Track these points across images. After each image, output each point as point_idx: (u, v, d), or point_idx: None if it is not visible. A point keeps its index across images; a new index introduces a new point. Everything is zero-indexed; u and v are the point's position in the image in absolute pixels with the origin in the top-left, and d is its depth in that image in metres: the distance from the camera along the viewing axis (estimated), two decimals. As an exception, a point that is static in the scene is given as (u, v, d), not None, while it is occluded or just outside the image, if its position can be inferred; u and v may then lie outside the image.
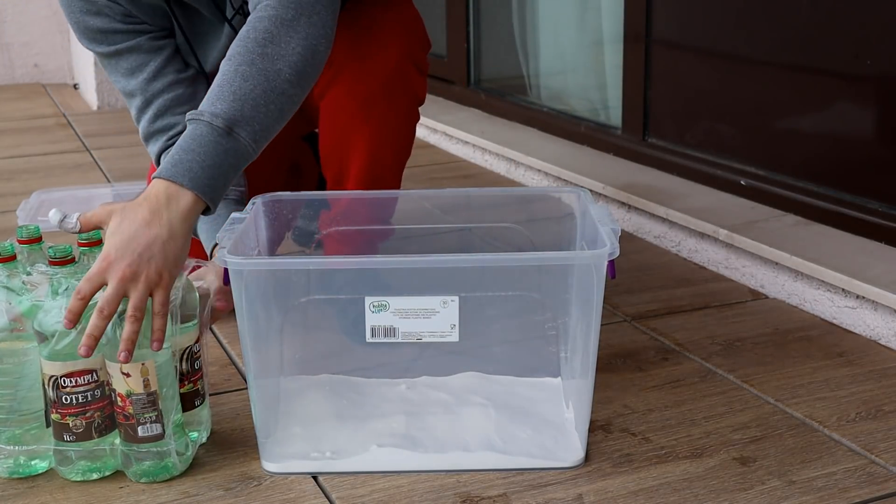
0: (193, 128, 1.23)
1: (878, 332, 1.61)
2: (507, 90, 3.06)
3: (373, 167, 1.61)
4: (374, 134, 1.58)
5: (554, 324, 1.35)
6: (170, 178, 1.19)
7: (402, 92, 1.58)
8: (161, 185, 1.19)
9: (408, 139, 1.66)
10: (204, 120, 1.23)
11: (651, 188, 2.19)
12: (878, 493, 1.18)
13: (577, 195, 1.43)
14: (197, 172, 1.20)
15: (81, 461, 1.22)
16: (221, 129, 1.22)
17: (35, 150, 3.13)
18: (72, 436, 1.20)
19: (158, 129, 1.54)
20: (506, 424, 1.31)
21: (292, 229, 1.61)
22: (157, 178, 1.20)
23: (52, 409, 1.21)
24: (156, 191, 1.19)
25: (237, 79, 1.25)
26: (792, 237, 1.84)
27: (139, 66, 1.52)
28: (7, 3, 4.35)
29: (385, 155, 1.61)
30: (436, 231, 1.55)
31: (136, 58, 1.51)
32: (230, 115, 1.23)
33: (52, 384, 1.19)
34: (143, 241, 1.15)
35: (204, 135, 1.22)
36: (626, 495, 1.18)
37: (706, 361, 1.55)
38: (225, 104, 1.23)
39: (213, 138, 1.22)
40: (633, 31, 2.36)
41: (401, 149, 1.65)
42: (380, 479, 1.23)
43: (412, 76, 1.59)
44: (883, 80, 1.78)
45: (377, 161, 1.61)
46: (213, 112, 1.22)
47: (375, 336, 1.23)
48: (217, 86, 1.25)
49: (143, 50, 1.51)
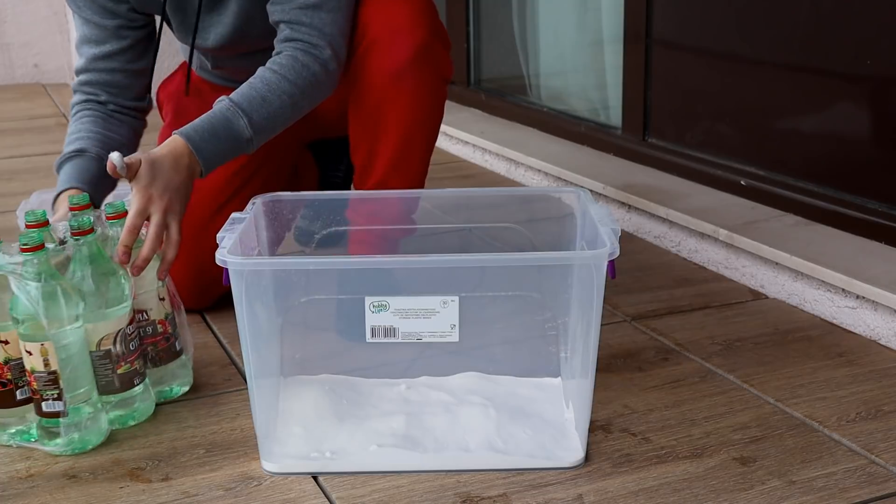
0: (234, 119, 1.47)
1: (878, 332, 1.61)
2: (507, 90, 3.06)
3: (404, 147, 1.61)
4: (405, 111, 1.59)
5: (554, 324, 1.36)
6: (195, 149, 1.43)
7: (431, 69, 1.59)
8: (185, 149, 1.43)
9: (437, 117, 1.67)
10: (243, 122, 1.47)
11: (651, 188, 2.19)
12: (878, 493, 1.18)
13: (577, 195, 1.43)
14: (212, 158, 1.46)
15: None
16: (248, 138, 1.49)
17: (35, 150, 3.13)
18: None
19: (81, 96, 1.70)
20: (506, 424, 1.31)
21: (292, 229, 1.61)
22: (185, 140, 1.43)
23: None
24: (180, 150, 1.43)
25: (275, 104, 1.50)
26: (792, 237, 1.84)
27: (99, 41, 1.66)
28: (7, 3, 4.35)
29: (416, 135, 1.62)
30: (436, 231, 1.55)
31: (99, 34, 1.66)
32: (259, 129, 1.49)
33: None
34: (174, 184, 1.40)
35: (235, 132, 1.47)
36: (626, 495, 1.18)
37: (706, 361, 1.55)
38: (262, 119, 1.49)
39: (238, 141, 1.48)
40: (633, 31, 2.36)
41: (430, 129, 1.66)
42: (380, 479, 1.23)
43: (440, 52, 1.61)
44: (883, 80, 1.78)
45: (408, 140, 1.61)
46: (252, 120, 1.48)
47: (375, 336, 1.23)
48: (262, 97, 1.49)
49: (108, 32, 1.66)
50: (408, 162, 1.61)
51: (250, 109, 1.47)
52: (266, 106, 1.49)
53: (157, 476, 1.25)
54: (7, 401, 1.32)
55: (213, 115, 1.47)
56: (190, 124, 1.45)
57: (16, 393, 1.31)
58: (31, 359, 1.27)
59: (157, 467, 1.26)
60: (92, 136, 1.63)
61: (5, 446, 1.32)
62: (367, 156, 1.63)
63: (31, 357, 1.27)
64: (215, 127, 1.45)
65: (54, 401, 1.28)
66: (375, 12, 1.58)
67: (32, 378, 1.28)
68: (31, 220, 1.31)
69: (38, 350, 1.26)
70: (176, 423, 1.37)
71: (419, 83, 1.58)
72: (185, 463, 1.27)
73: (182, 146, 1.43)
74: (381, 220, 1.56)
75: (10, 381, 1.31)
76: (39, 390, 1.28)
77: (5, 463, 1.29)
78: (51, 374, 1.27)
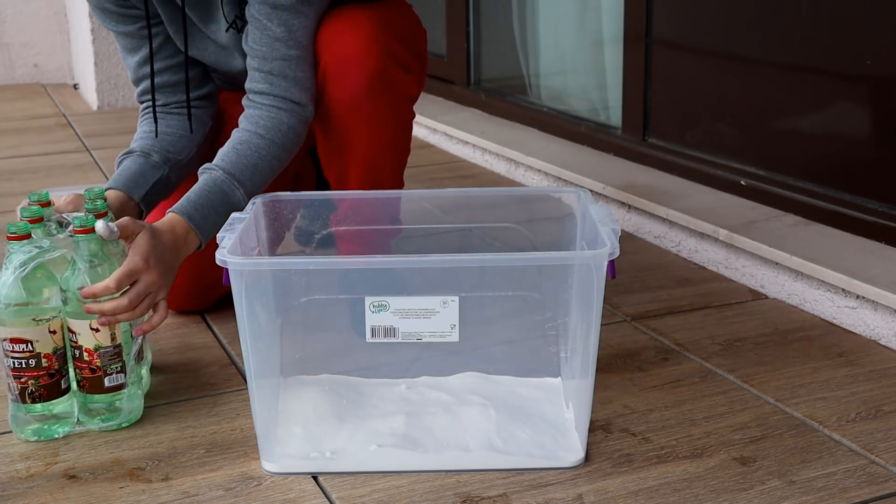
0: (230, 192, 1.49)
1: (878, 332, 1.61)
2: (507, 90, 3.06)
3: (371, 169, 1.61)
4: (366, 136, 1.59)
5: (554, 324, 1.36)
6: (197, 228, 1.44)
7: (388, 93, 1.58)
8: (185, 228, 1.43)
9: (403, 138, 1.66)
10: (239, 193, 1.49)
11: (651, 188, 2.20)
12: (878, 493, 1.18)
13: (577, 195, 1.43)
14: (211, 232, 1.46)
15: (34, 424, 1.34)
16: (242, 204, 1.49)
17: (35, 150, 3.13)
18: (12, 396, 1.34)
19: (143, 104, 1.72)
20: (506, 424, 1.31)
21: (292, 229, 1.61)
22: (185, 219, 1.43)
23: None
24: (181, 229, 1.43)
25: (266, 169, 1.53)
26: (792, 237, 1.84)
27: (133, 48, 1.68)
28: (7, 3, 4.35)
29: (381, 157, 1.62)
30: (436, 231, 1.55)
31: (130, 41, 1.67)
32: (252, 193, 1.51)
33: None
34: (168, 262, 1.38)
35: (232, 203, 1.48)
36: (626, 495, 1.18)
37: (706, 361, 1.55)
38: (255, 186, 1.52)
39: (234, 208, 1.48)
40: (633, 31, 2.36)
41: (397, 148, 1.65)
42: (380, 479, 1.23)
43: (397, 76, 1.59)
44: (883, 80, 1.78)
45: (374, 162, 1.61)
46: (246, 189, 1.50)
47: (375, 336, 1.23)
48: (253, 165, 1.52)
49: (135, 36, 1.66)
50: (378, 183, 1.62)
51: (244, 178, 1.50)
52: (258, 173, 1.52)
53: (157, 476, 1.25)
54: (97, 387, 1.33)
55: (210, 190, 1.47)
56: (188, 201, 1.45)
57: (104, 380, 1.33)
58: (97, 335, 1.31)
59: (157, 467, 1.26)
60: (142, 137, 1.67)
61: (7, 445, 1.32)
62: (339, 177, 1.65)
63: (97, 334, 1.30)
64: (213, 202, 1.47)
65: (118, 374, 1.33)
66: (327, 40, 1.57)
67: (96, 355, 1.31)
68: (33, 200, 1.39)
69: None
70: (176, 423, 1.37)
71: (376, 109, 1.58)
72: (185, 463, 1.27)
73: (183, 226, 1.43)
74: (363, 224, 1.58)
75: (98, 367, 1.32)
76: (103, 366, 1.32)
77: (5, 463, 1.29)
78: (116, 348, 1.33)
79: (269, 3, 1.51)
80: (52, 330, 1.30)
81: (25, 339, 1.28)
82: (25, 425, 1.33)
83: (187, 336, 1.67)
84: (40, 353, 1.30)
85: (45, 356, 1.30)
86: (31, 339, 1.29)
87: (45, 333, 1.29)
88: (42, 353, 1.30)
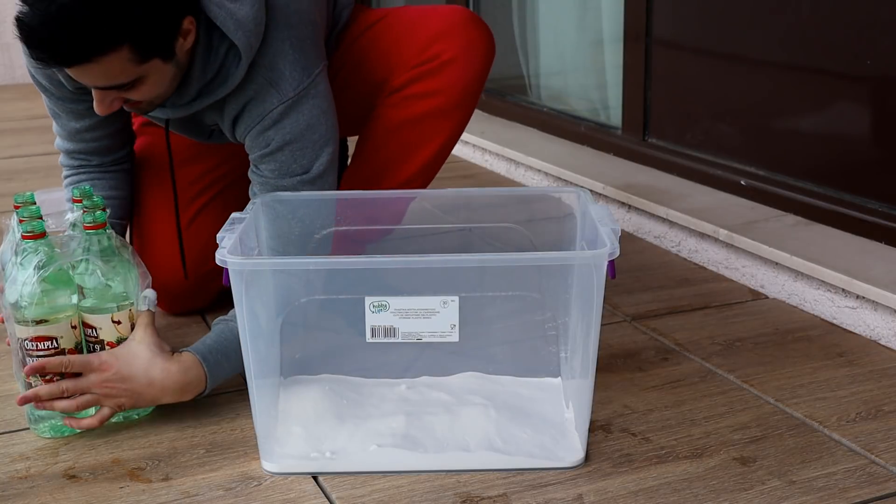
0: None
1: (878, 332, 1.61)
2: (507, 90, 3.06)
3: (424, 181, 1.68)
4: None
5: (554, 324, 1.36)
6: (209, 374, 1.34)
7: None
8: (200, 375, 1.34)
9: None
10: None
11: (651, 188, 2.19)
12: (878, 493, 1.18)
13: (577, 195, 1.43)
14: (221, 378, 1.37)
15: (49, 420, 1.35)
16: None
17: (35, 150, 3.13)
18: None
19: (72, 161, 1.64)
20: (506, 424, 1.31)
21: (292, 229, 1.61)
22: (202, 364, 1.34)
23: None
24: (196, 374, 1.34)
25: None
26: (792, 237, 1.84)
27: (78, 117, 1.57)
28: (7, 3, 4.35)
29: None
30: (436, 231, 1.55)
31: (74, 110, 1.56)
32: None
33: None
34: (145, 396, 1.32)
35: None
36: (626, 495, 1.18)
37: (706, 361, 1.55)
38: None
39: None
40: (633, 31, 2.36)
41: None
42: (380, 479, 1.23)
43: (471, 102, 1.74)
44: (883, 80, 1.78)
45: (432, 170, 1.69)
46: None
47: (375, 336, 1.23)
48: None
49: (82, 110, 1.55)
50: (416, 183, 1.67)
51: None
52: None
53: (157, 476, 1.25)
54: None
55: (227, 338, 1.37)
56: (204, 345, 1.36)
57: None
58: (118, 328, 1.32)
59: (157, 467, 1.26)
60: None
61: (7, 445, 1.32)
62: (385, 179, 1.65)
63: (118, 326, 1.32)
64: (227, 350, 1.37)
65: None
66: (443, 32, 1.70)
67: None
68: (18, 201, 1.32)
69: (127, 316, 1.33)
70: (176, 423, 1.37)
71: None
72: (185, 463, 1.27)
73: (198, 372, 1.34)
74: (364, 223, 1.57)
75: None
76: None
77: (5, 463, 1.29)
78: None
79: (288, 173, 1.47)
80: (73, 325, 1.31)
81: (51, 335, 1.29)
82: (42, 422, 1.34)
83: (187, 336, 1.67)
84: (65, 350, 1.30)
85: (69, 352, 1.31)
86: (55, 336, 1.29)
87: (67, 329, 1.31)
88: (66, 350, 1.31)
